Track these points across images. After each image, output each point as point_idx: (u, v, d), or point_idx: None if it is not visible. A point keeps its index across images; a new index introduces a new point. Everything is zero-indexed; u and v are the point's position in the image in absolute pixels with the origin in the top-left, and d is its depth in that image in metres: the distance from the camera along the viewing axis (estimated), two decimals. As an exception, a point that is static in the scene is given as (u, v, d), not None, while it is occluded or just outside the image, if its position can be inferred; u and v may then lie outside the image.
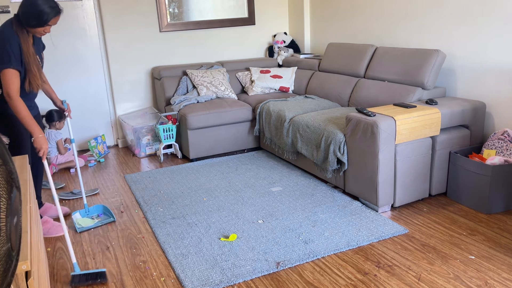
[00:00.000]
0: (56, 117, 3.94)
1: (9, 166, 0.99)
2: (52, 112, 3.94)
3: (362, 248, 2.41)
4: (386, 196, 2.79)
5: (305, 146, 3.30)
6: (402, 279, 2.12)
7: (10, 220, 0.94)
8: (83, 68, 4.42)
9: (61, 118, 3.96)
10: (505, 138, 2.83)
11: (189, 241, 2.56)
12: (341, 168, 3.02)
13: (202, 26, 4.75)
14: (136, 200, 3.21)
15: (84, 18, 4.31)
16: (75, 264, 2.27)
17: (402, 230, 2.57)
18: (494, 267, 2.18)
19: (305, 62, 4.53)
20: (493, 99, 3.06)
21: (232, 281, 2.16)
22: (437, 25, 3.37)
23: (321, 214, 2.82)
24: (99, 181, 3.66)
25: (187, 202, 3.10)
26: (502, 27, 2.92)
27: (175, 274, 2.26)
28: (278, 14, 5.12)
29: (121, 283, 2.21)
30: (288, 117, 3.54)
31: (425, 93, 3.22)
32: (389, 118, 2.69)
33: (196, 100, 4.16)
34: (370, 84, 3.59)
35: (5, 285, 0.90)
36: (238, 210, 2.93)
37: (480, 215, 2.73)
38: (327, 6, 4.57)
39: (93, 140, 4.23)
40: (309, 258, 2.32)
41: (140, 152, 4.23)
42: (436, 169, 2.92)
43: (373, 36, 4.02)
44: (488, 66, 3.05)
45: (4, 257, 0.90)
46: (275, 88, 4.49)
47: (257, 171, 3.64)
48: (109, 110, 4.63)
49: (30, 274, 1.19)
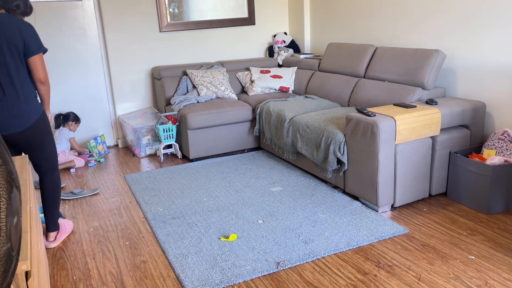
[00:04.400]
0: (72, 118, 4.17)
1: (9, 166, 0.99)
2: (70, 114, 4.18)
3: (362, 248, 2.41)
4: (386, 196, 2.79)
5: (305, 146, 3.30)
6: (402, 279, 2.12)
7: (10, 220, 0.94)
8: (83, 68, 4.42)
9: (77, 120, 4.20)
10: (505, 138, 2.82)
11: (189, 241, 2.56)
12: (341, 168, 3.02)
13: (202, 26, 4.75)
14: (136, 200, 3.21)
15: (84, 18, 4.31)
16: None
17: (402, 230, 2.57)
18: (494, 267, 2.18)
19: (305, 62, 4.53)
20: (493, 99, 3.06)
21: (232, 281, 2.16)
22: (437, 25, 3.37)
23: (321, 214, 2.82)
24: (99, 181, 3.66)
25: (187, 202, 3.10)
26: (502, 27, 2.92)
27: (175, 274, 2.26)
28: (278, 14, 5.12)
29: (121, 283, 2.21)
30: (288, 117, 3.54)
31: (425, 93, 3.22)
32: (389, 118, 2.69)
33: (196, 100, 4.16)
34: (370, 84, 3.59)
35: (5, 285, 0.90)
36: (238, 210, 2.93)
37: (480, 215, 2.73)
38: (327, 6, 4.57)
39: (93, 140, 4.23)
40: (309, 258, 2.32)
41: (140, 152, 4.23)
42: (436, 169, 2.92)
43: (373, 36, 4.02)
44: (488, 66, 3.05)
45: (4, 257, 0.90)
46: (275, 88, 4.49)
47: (257, 171, 3.64)
48: (109, 110, 4.63)
49: (30, 274, 1.19)
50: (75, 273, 2.32)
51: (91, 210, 3.10)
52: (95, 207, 3.14)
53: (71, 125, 4.16)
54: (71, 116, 4.17)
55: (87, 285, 2.22)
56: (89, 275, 2.30)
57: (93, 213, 3.05)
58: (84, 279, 2.27)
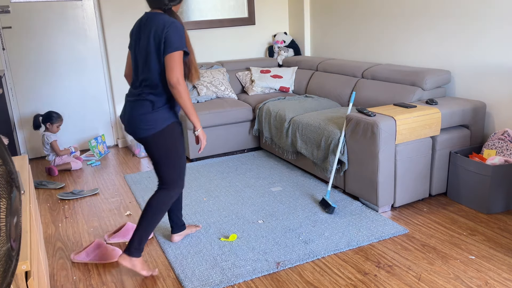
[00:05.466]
0: (54, 119, 3.89)
1: (9, 166, 0.99)
2: (51, 114, 3.89)
3: (362, 248, 2.41)
4: (386, 196, 2.79)
5: (305, 146, 3.30)
6: (402, 279, 2.12)
7: (10, 220, 0.94)
8: (83, 68, 4.42)
9: (56, 120, 3.90)
10: (505, 138, 2.82)
11: (189, 241, 2.56)
12: (341, 168, 3.02)
13: (202, 26, 4.75)
14: (136, 200, 3.21)
15: (84, 18, 4.31)
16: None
17: (402, 230, 2.57)
18: (494, 267, 2.18)
19: (305, 62, 4.53)
20: (493, 99, 3.06)
21: (232, 281, 2.16)
22: (437, 25, 3.36)
23: (321, 214, 2.82)
24: (99, 181, 3.66)
25: (187, 202, 3.10)
26: (502, 27, 2.91)
27: (175, 274, 2.26)
28: (278, 14, 5.12)
29: (121, 283, 2.21)
30: (288, 117, 3.54)
31: (425, 93, 3.22)
32: (389, 118, 2.69)
33: (196, 100, 4.16)
34: (370, 84, 3.59)
35: (5, 285, 0.90)
36: (238, 210, 2.93)
37: (480, 215, 2.73)
38: (327, 6, 4.57)
39: (94, 140, 4.23)
40: (309, 258, 2.32)
41: (140, 152, 4.23)
42: (436, 169, 2.92)
43: (373, 36, 4.02)
44: (488, 66, 3.05)
45: (4, 257, 0.90)
46: (275, 88, 4.49)
47: (257, 171, 3.64)
48: (109, 110, 4.63)
49: (30, 274, 1.19)
50: (75, 273, 2.32)
51: (91, 210, 3.10)
52: (95, 207, 3.14)
53: (53, 126, 3.88)
54: (54, 116, 3.88)
55: (87, 285, 2.22)
56: (89, 275, 2.30)
57: (93, 213, 3.05)
58: (84, 279, 2.27)
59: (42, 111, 4.22)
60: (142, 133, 2.12)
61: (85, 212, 3.06)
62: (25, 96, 4.24)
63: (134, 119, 2.11)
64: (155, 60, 2.06)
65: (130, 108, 2.14)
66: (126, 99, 2.19)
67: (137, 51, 2.13)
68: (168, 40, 2.00)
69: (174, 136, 2.17)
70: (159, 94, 2.11)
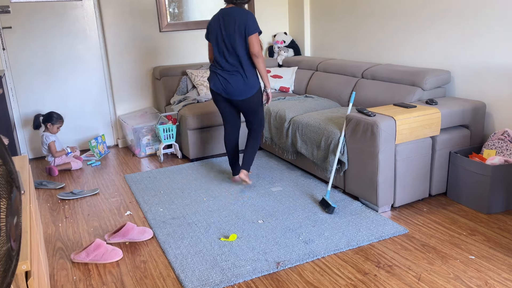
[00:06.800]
0: (54, 120, 3.91)
1: (9, 166, 0.99)
2: (52, 114, 3.92)
3: (362, 248, 2.41)
4: (386, 196, 2.79)
5: (305, 146, 3.30)
6: (402, 279, 2.12)
7: (10, 220, 0.94)
8: (83, 68, 4.42)
9: (57, 121, 3.93)
10: (505, 138, 2.83)
11: (189, 241, 2.56)
12: (341, 168, 3.02)
13: (202, 26, 4.75)
14: (136, 200, 3.21)
15: (84, 18, 4.31)
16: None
17: (402, 230, 2.57)
18: (494, 267, 2.18)
19: (305, 62, 4.53)
20: (493, 99, 3.06)
21: (232, 281, 2.16)
22: (437, 25, 3.37)
23: (321, 214, 2.82)
24: (99, 181, 3.66)
25: (187, 202, 3.10)
26: (502, 27, 2.92)
27: (175, 274, 2.26)
28: (278, 14, 5.12)
29: (121, 283, 2.21)
30: (288, 117, 3.54)
31: (425, 93, 3.22)
32: (389, 118, 2.69)
33: (196, 100, 4.16)
34: (370, 84, 3.59)
35: (5, 285, 0.90)
36: (238, 210, 2.93)
37: (480, 215, 2.73)
38: (327, 6, 4.57)
39: (94, 140, 4.23)
40: (309, 258, 2.32)
41: (140, 152, 4.23)
42: (436, 169, 2.92)
43: (373, 36, 4.02)
44: (488, 66, 3.05)
45: (4, 257, 0.90)
46: (275, 88, 4.49)
47: (257, 171, 3.64)
48: (109, 110, 4.63)
49: (30, 274, 1.19)
50: (75, 273, 2.32)
51: (91, 210, 3.10)
52: (95, 207, 3.14)
53: (53, 126, 3.91)
54: (54, 117, 3.91)
55: (87, 285, 2.22)
56: (89, 275, 2.30)
57: (93, 213, 3.05)
58: (84, 279, 2.27)
59: (42, 111, 4.22)
60: (249, 93, 3.04)
61: (85, 212, 3.06)
62: (25, 96, 4.24)
63: (239, 86, 3.00)
64: (241, 41, 2.93)
65: (232, 80, 3.00)
66: (220, 74, 3.03)
67: (225, 36, 2.95)
68: (249, 25, 2.90)
69: (262, 93, 3.17)
70: (247, 66, 2.99)
